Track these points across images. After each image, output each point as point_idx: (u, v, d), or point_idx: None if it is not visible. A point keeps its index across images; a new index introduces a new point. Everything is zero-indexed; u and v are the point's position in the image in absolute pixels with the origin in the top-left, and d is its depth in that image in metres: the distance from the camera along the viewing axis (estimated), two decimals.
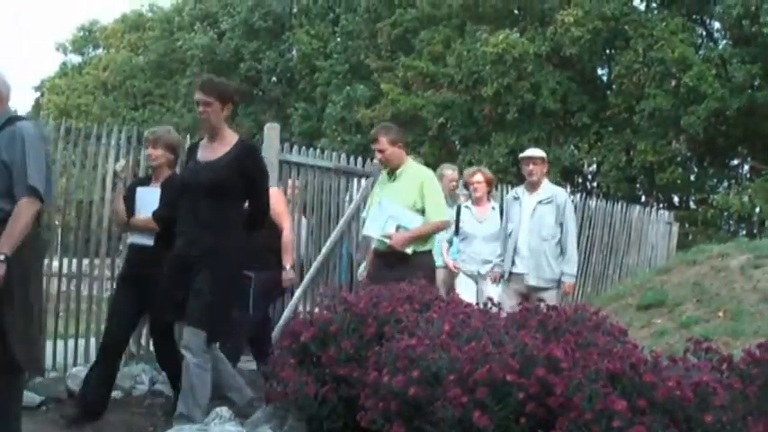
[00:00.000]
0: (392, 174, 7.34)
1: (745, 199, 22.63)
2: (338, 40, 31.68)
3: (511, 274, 8.56)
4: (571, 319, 4.62)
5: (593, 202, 14.49)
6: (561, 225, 8.48)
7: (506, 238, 8.71)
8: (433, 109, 26.32)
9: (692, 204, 26.87)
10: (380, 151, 7.28)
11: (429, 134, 26.58)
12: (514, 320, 4.64)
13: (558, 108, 25.65)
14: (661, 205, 25.09)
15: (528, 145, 24.37)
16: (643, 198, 26.79)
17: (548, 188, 8.70)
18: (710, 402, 3.60)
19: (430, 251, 7.24)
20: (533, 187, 8.65)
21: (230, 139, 5.97)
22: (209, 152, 5.95)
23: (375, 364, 4.43)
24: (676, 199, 27.62)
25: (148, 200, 6.86)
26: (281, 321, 9.23)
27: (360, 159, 10.52)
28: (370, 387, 4.28)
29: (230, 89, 6.11)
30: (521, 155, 8.99)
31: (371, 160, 10.28)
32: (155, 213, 6.75)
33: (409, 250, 7.01)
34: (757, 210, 22.87)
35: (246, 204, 6.07)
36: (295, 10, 32.83)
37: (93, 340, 8.17)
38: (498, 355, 3.88)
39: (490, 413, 3.71)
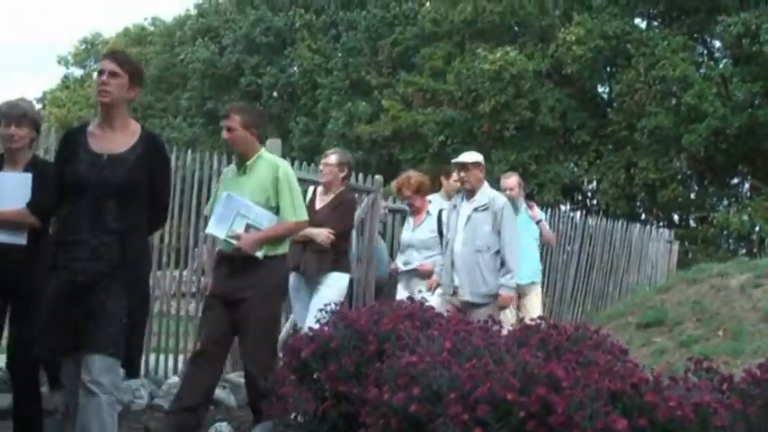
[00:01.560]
0: (242, 165, 6.32)
1: (745, 218, 22.61)
2: (339, 56, 31.72)
3: (453, 287, 7.98)
4: (572, 337, 4.62)
5: (592, 220, 14.50)
6: (500, 234, 7.84)
7: (446, 249, 8.18)
8: (434, 126, 26.33)
9: (692, 223, 26.87)
10: (228, 129, 6.25)
11: (430, 151, 26.59)
12: (515, 338, 4.64)
13: (557, 125, 25.69)
14: (661, 223, 25.12)
15: (528, 162, 24.51)
16: (643, 216, 26.78)
17: (485, 194, 8.03)
18: (711, 423, 3.60)
19: (284, 256, 6.26)
20: (469, 194, 8.06)
21: (134, 128, 4.97)
22: (109, 143, 4.85)
23: (375, 381, 4.42)
24: (676, 217, 27.62)
25: (11, 188, 5.69)
26: (281, 336, 9.21)
27: (360, 176, 10.52)
28: (371, 404, 4.28)
29: (142, 70, 5.13)
30: (453, 160, 8.48)
31: (372, 177, 10.29)
32: (32, 204, 5.62)
33: (260, 254, 5.98)
34: (757, 228, 22.86)
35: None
36: (297, 25, 32.86)
37: None
38: (499, 373, 3.88)
39: (491, 431, 3.71)
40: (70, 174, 4.81)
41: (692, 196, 26.45)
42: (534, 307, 9.09)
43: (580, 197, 29.64)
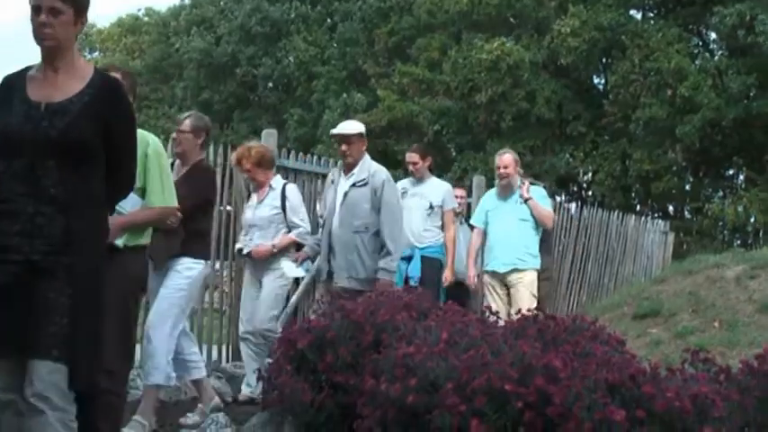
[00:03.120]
0: None
1: (741, 209, 22.69)
2: (335, 46, 31.69)
3: (329, 271, 7.06)
4: (569, 328, 4.63)
5: (588, 212, 14.50)
6: (380, 212, 6.96)
7: (323, 230, 7.26)
8: (429, 116, 26.33)
9: (687, 214, 26.91)
10: None
11: (425, 141, 26.56)
12: (513, 330, 4.64)
13: (553, 116, 25.71)
14: (656, 215, 25.13)
15: (524, 153, 24.49)
16: (638, 207, 26.81)
17: (364, 168, 7.09)
18: (709, 414, 3.60)
19: (144, 247, 5.15)
20: (348, 169, 7.14)
21: (84, 70, 3.95)
22: (50, 89, 3.86)
23: (372, 371, 4.43)
24: (671, 208, 27.65)
25: None
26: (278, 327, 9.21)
27: None
28: (368, 395, 4.28)
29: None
30: (332, 131, 7.54)
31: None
32: None
33: (119, 242, 4.85)
34: (752, 220, 22.93)
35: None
36: (292, 16, 32.82)
37: None
38: (497, 364, 3.89)
39: (488, 422, 3.71)
40: (1, 128, 3.83)
41: (687, 187, 26.50)
42: (523, 299, 8.07)
43: (575, 188, 29.67)
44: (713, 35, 26.66)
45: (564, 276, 13.45)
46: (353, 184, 7.03)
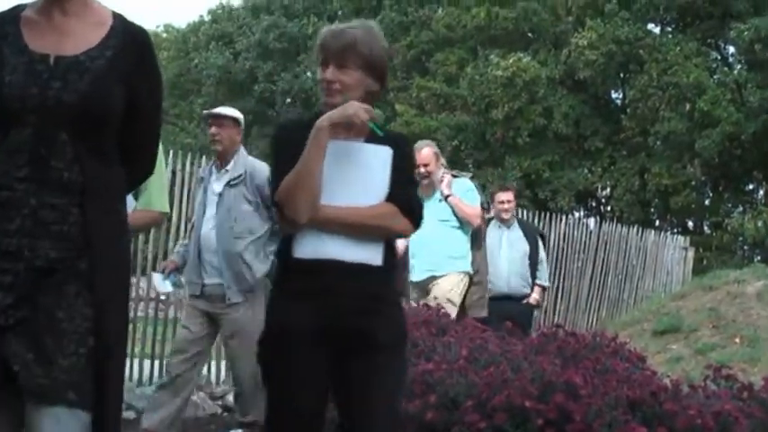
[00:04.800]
0: None
1: (760, 224, 22.53)
2: None
3: (202, 286, 5.89)
4: (590, 345, 4.60)
5: (607, 227, 14.45)
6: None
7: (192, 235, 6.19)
8: (447, 131, 26.33)
9: (706, 229, 26.79)
10: None
11: (446, 157, 26.58)
12: (533, 346, 4.62)
13: (571, 132, 25.66)
14: (675, 230, 25.04)
15: (542, 169, 24.47)
16: (657, 222, 26.71)
17: (239, 163, 5.97)
18: (732, 431, 3.56)
19: None
20: (220, 161, 6.06)
21: (102, 14, 2.81)
22: (61, 36, 2.71)
23: None
24: (690, 223, 27.53)
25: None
26: None
27: None
28: None
29: None
30: (205, 111, 6.54)
31: None
32: None
33: None
34: None
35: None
36: (310, 32, 32.92)
37: None
38: (517, 380, 3.86)
39: None
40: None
41: (707, 202, 26.40)
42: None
43: (594, 203, 29.58)
44: (732, 49, 26.63)
45: (583, 292, 13.40)
46: (228, 183, 5.95)
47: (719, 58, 27.13)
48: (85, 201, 2.68)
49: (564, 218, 13.80)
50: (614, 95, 28.72)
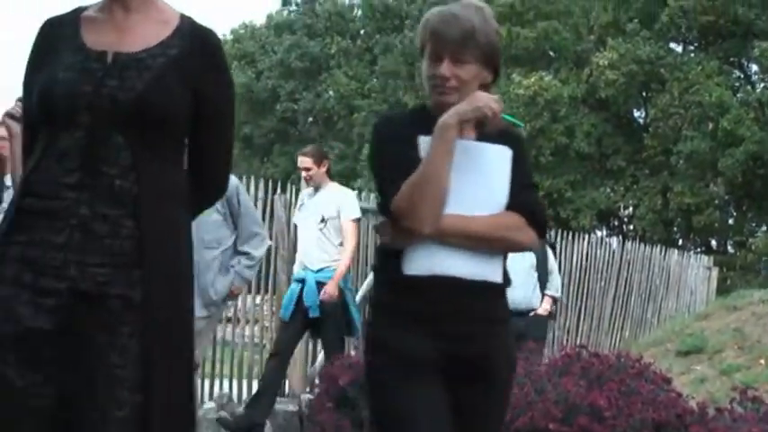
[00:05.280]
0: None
1: None
2: (376, 80, 31.82)
3: None
4: (614, 366, 4.56)
5: (630, 246, 14.38)
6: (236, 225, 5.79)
7: None
8: None
9: (730, 248, 26.63)
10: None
11: None
12: (556, 367, 4.58)
13: (593, 151, 25.58)
14: (698, 249, 24.91)
15: (564, 188, 24.39)
16: (680, 241, 26.57)
17: None
18: None
19: None
20: None
21: (167, 13, 2.62)
22: (120, 34, 2.53)
23: None
24: (714, 242, 27.38)
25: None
26: (318, 363, 9.18)
27: None
28: None
29: None
30: None
31: None
32: None
33: None
34: None
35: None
36: (332, 51, 33.03)
37: None
38: (541, 402, 3.83)
39: None
40: (43, 86, 2.47)
41: (730, 221, 26.26)
42: None
43: (616, 223, 29.46)
44: (754, 68, 26.51)
45: (606, 312, 13.33)
46: None
47: (742, 76, 27.01)
48: (142, 212, 2.37)
49: (587, 237, 13.74)
50: (636, 114, 28.63)
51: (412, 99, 29.61)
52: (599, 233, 25.46)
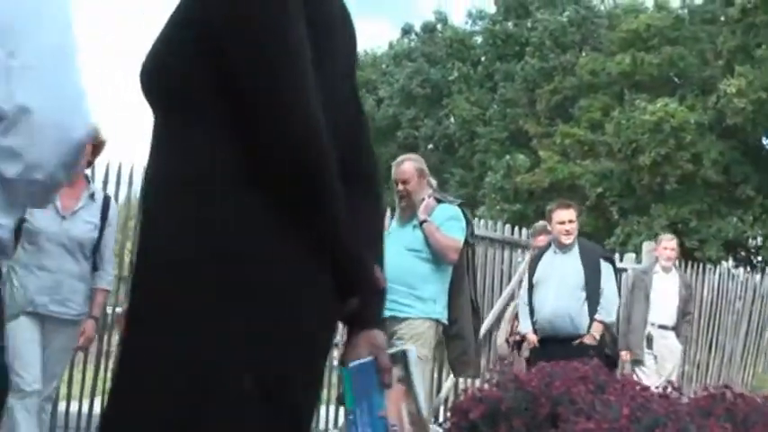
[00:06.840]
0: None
1: None
2: (496, 107, 31.74)
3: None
4: (760, 407, 4.40)
5: (761, 278, 13.96)
6: None
7: None
8: (591, 178, 25.99)
9: None
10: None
11: (587, 204, 26.20)
12: (698, 407, 4.44)
13: (720, 179, 24.99)
14: None
15: (689, 218, 23.85)
16: None
17: None
18: None
19: None
20: None
21: None
22: None
23: None
24: None
25: None
26: (443, 393, 9.13)
27: (524, 230, 10.40)
28: None
29: None
30: None
31: (529, 230, 10.06)
32: None
33: None
34: None
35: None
36: (453, 78, 33.06)
37: None
38: None
39: None
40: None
41: None
42: None
43: (744, 253, 28.66)
44: None
45: (738, 346, 12.96)
46: None
47: None
48: (169, 193, 1.81)
49: (717, 269, 13.39)
50: (766, 142, 27.88)
51: (533, 127, 29.45)
52: (725, 264, 24.84)
